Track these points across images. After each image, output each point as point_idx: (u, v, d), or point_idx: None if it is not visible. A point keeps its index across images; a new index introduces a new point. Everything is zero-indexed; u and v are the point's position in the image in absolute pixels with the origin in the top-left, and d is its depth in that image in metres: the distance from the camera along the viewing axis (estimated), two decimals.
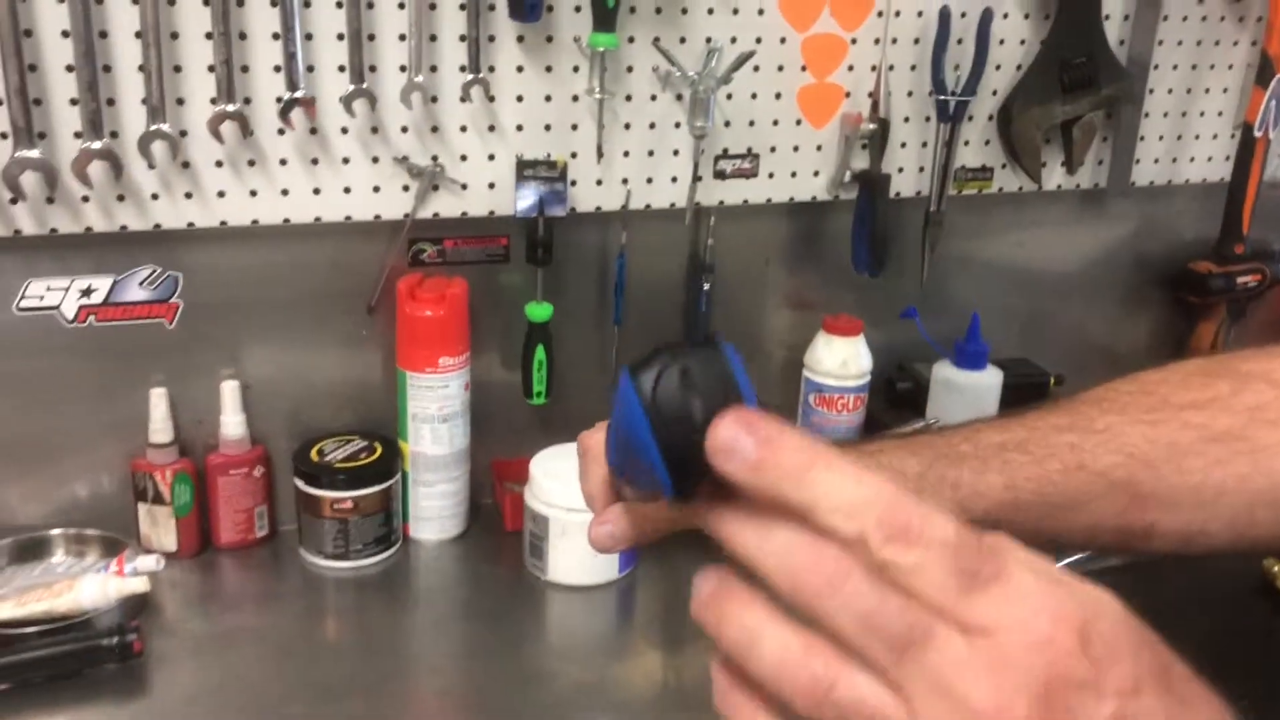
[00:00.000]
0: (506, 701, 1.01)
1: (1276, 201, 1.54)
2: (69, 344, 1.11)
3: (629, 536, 0.58)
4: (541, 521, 1.15)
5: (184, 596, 1.13)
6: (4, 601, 1.03)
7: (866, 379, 1.33)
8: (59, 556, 1.15)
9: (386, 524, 1.19)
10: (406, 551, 1.23)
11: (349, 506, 1.16)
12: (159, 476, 1.14)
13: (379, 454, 1.19)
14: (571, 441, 1.17)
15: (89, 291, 1.11)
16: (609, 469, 0.49)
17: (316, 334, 1.21)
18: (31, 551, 1.14)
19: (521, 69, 1.17)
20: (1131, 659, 0.34)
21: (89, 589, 1.03)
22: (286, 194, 1.13)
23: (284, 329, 1.19)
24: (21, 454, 1.14)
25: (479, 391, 1.24)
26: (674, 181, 1.27)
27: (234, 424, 1.17)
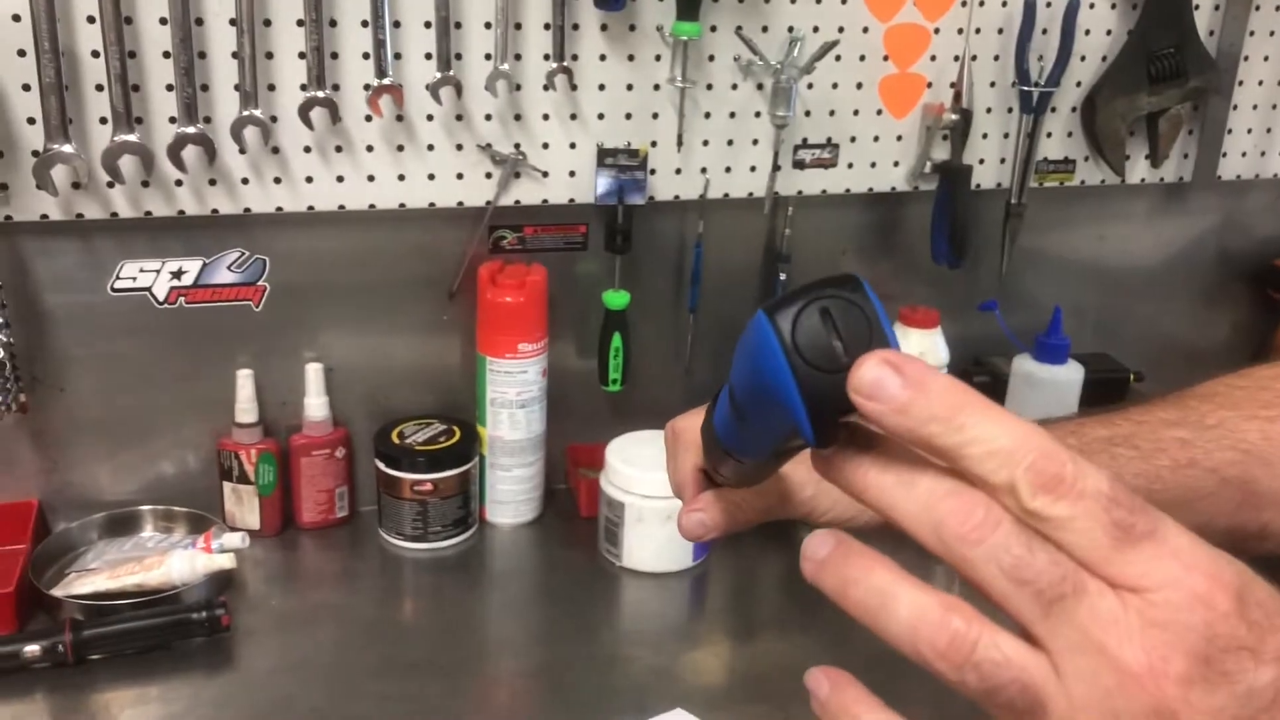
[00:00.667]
0: (581, 684, 1.02)
1: None
2: (159, 324, 1.14)
3: (720, 524, 0.56)
4: (617, 508, 1.16)
5: (267, 574, 1.16)
6: (97, 574, 1.07)
7: (943, 372, 1.31)
8: (148, 532, 1.18)
9: (464, 507, 1.21)
10: (483, 534, 1.25)
11: (428, 489, 1.18)
12: (244, 456, 1.17)
13: (458, 437, 1.21)
14: (645, 429, 1.21)
15: (180, 273, 1.13)
16: (714, 442, 0.48)
17: (398, 318, 1.22)
18: (122, 526, 1.17)
19: (604, 58, 1.18)
20: None
21: (178, 564, 1.05)
22: (372, 180, 1.14)
23: (366, 313, 1.21)
24: (112, 431, 1.17)
25: (555, 378, 1.25)
26: (753, 171, 1.27)
27: (317, 406, 1.19)
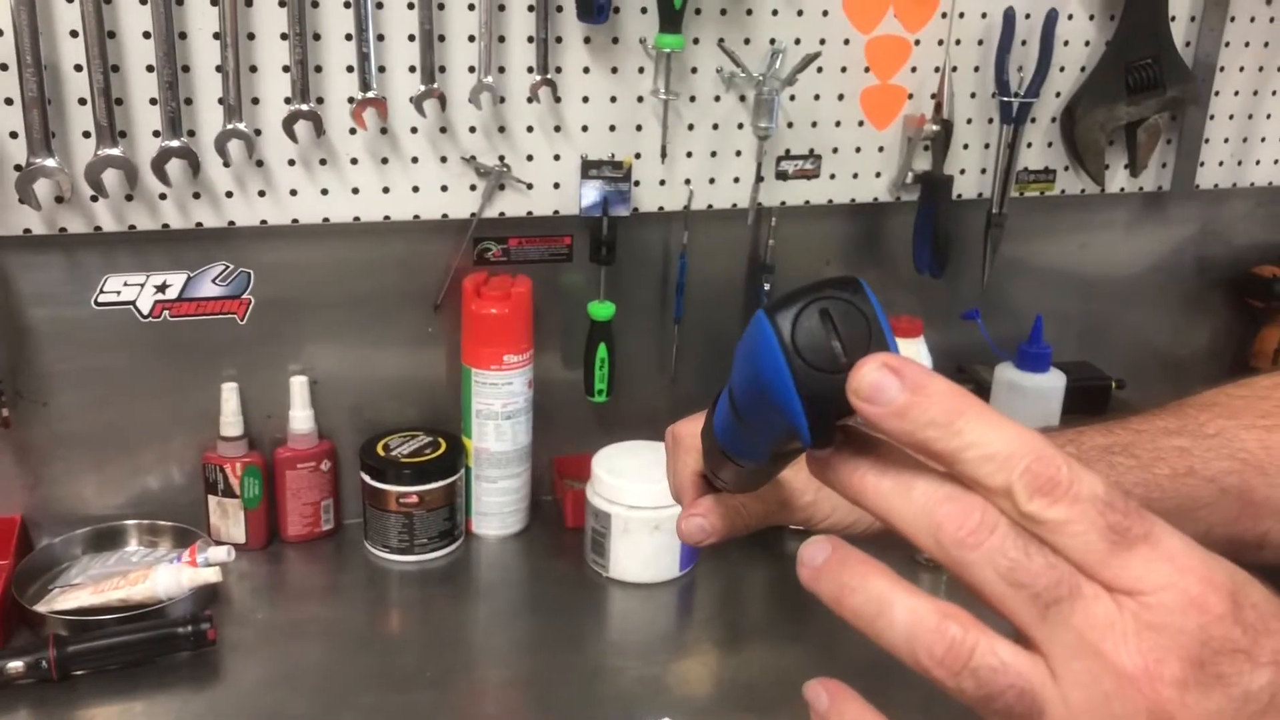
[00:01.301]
0: (569, 695, 1.02)
1: None
2: (143, 338, 1.14)
3: (720, 529, 0.56)
4: (604, 518, 1.16)
5: (253, 587, 1.16)
6: (82, 589, 1.06)
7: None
8: (133, 546, 1.17)
9: (450, 519, 1.21)
10: (469, 546, 1.25)
11: (414, 501, 1.18)
12: (229, 469, 1.17)
13: (444, 449, 1.21)
14: (632, 440, 1.21)
15: (164, 287, 1.13)
16: (713, 445, 0.47)
17: (383, 331, 1.22)
18: (107, 541, 1.17)
19: (588, 70, 1.18)
20: None
21: (164, 578, 1.05)
22: (357, 193, 1.15)
23: (351, 326, 1.21)
24: (97, 446, 1.16)
25: (541, 389, 1.26)
26: (736, 182, 1.27)
27: (302, 419, 1.19)
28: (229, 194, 1.11)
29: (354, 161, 1.14)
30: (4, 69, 1.00)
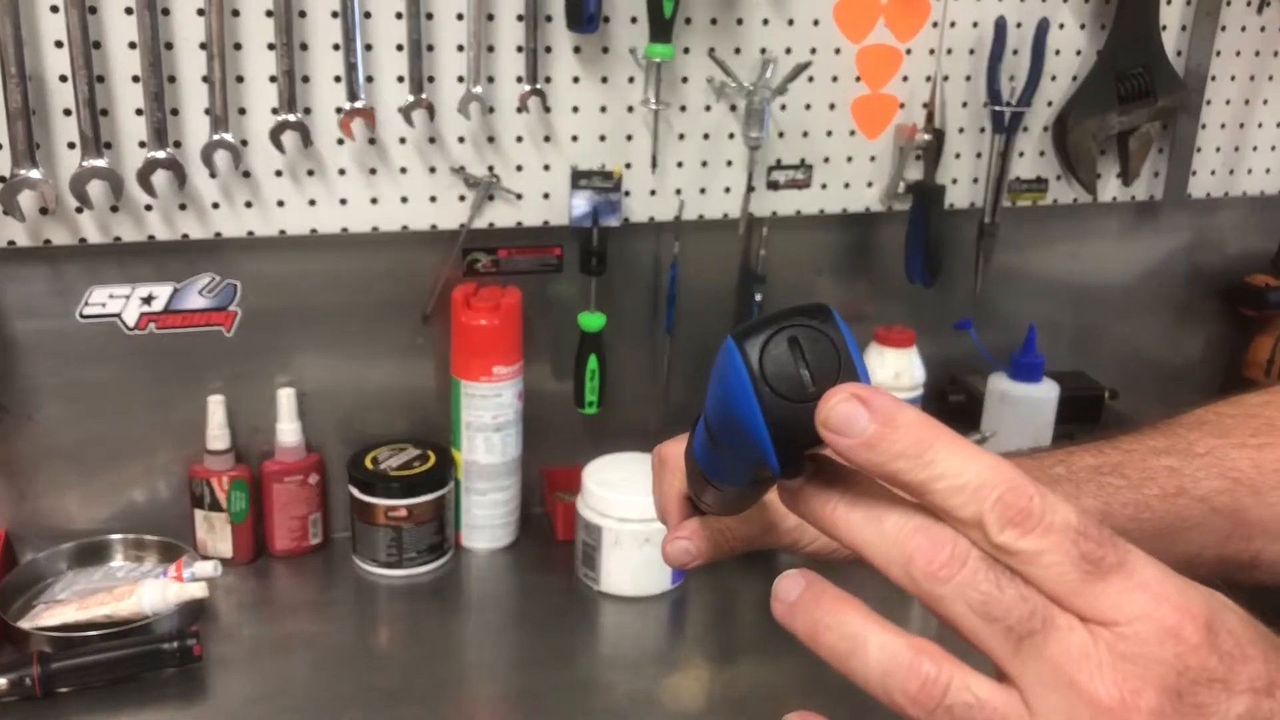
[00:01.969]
0: (559, 711, 1.01)
1: None
2: (129, 351, 1.13)
3: (705, 552, 0.56)
4: (594, 531, 1.15)
5: (240, 602, 1.14)
6: (66, 605, 1.05)
7: (919, 391, 1.32)
8: (118, 561, 1.16)
9: (439, 532, 1.20)
10: (459, 560, 1.23)
11: (403, 515, 1.17)
12: (216, 483, 1.16)
13: (433, 462, 1.20)
14: (622, 451, 1.20)
15: (150, 299, 1.12)
16: (694, 468, 0.47)
17: (372, 343, 1.21)
18: (92, 556, 1.15)
19: (577, 80, 1.17)
20: (1262, 659, 0.32)
21: (149, 594, 1.04)
22: (345, 203, 1.14)
23: (340, 337, 1.20)
24: (82, 460, 1.15)
25: (531, 401, 1.25)
26: (727, 192, 1.27)
27: (289, 431, 1.18)
28: (215, 205, 1.10)
29: (342, 172, 1.13)
30: None
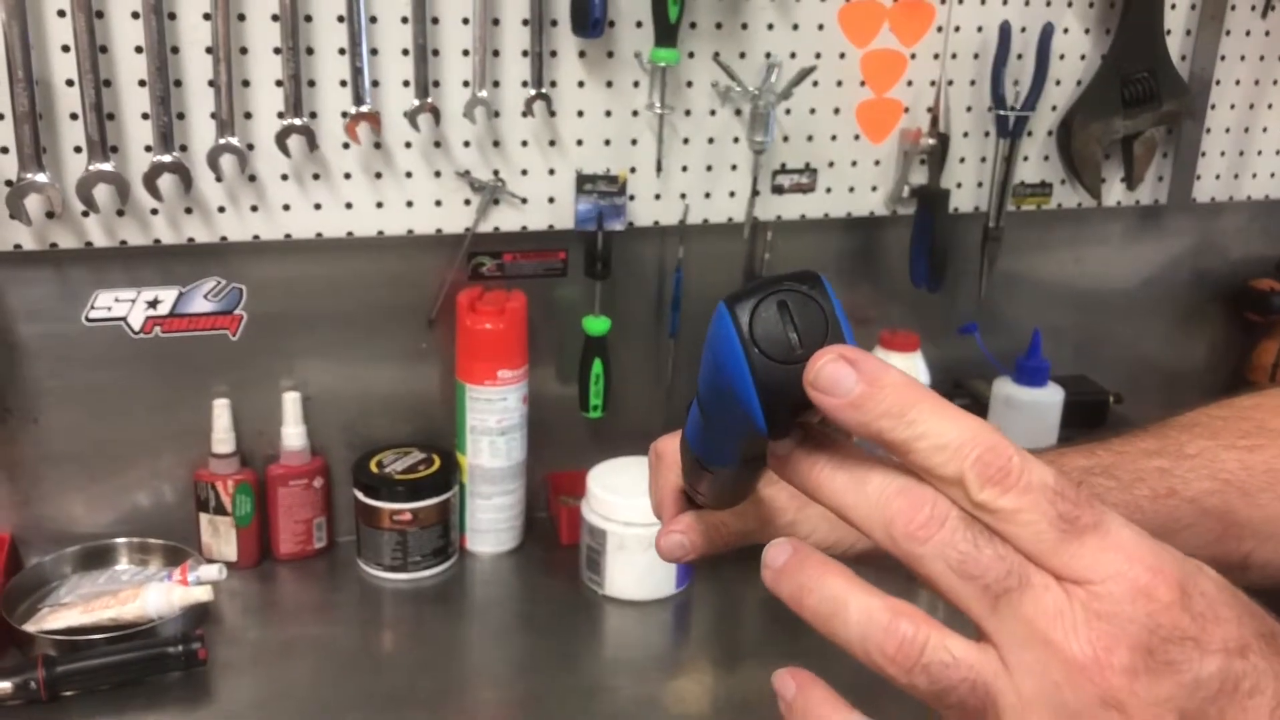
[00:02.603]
0: (563, 715, 1.01)
1: None
2: (135, 355, 1.13)
3: (699, 546, 0.56)
4: (599, 535, 1.15)
5: (244, 606, 1.14)
6: (71, 608, 1.05)
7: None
8: (123, 564, 1.16)
9: (444, 536, 1.20)
10: (463, 564, 1.23)
11: (408, 518, 1.17)
12: (221, 487, 1.16)
13: (437, 466, 1.20)
14: (627, 455, 1.20)
15: (155, 303, 1.12)
16: (688, 454, 0.47)
17: (377, 346, 1.21)
18: (97, 559, 1.15)
19: (582, 84, 1.18)
20: (1235, 621, 0.33)
21: (154, 597, 1.04)
22: (350, 207, 1.14)
23: (345, 341, 1.20)
24: (87, 463, 1.15)
25: (535, 405, 1.25)
26: (732, 196, 1.27)
27: (294, 435, 1.18)
28: (221, 209, 1.10)
29: (347, 176, 1.13)
30: None
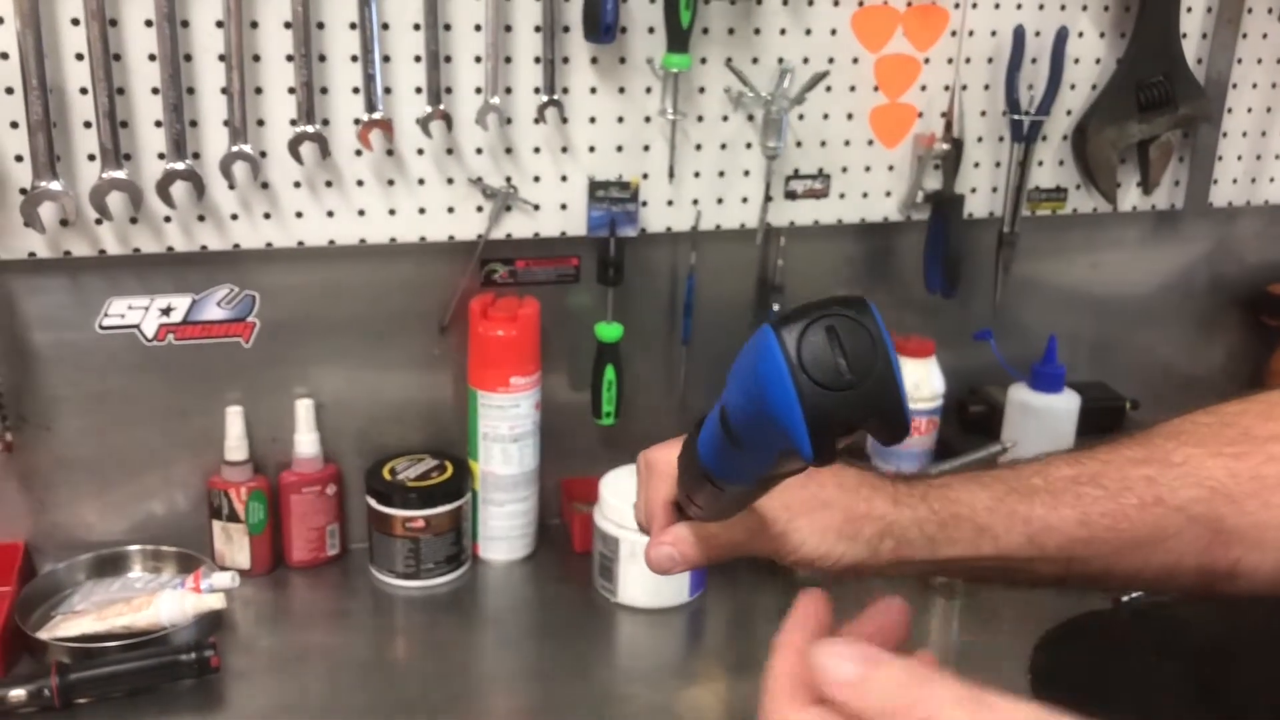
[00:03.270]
0: None
1: None
2: (148, 362, 1.13)
3: (689, 558, 0.56)
4: (612, 543, 1.15)
5: (257, 614, 1.14)
6: (84, 616, 1.05)
7: (939, 402, 1.31)
8: (136, 572, 1.16)
9: (457, 543, 1.20)
10: (476, 571, 1.23)
11: (420, 525, 1.16)
12: (234, 494, 1.16)
13: (450, 473, 1.20)
14: None
15: (168, 310, 1.12)
16: (696, 469, 0.47)
17: (389, 353, 1.21)
18: (110, 567, 1.16)
19: (595, 90, 1.17)
20: None
21: (167, 605, 1.04)
22: (363, 214, 1.14)
23: (357, 348, 1.20)
24: (100, 471, 1.15)
25: (548, 411, 1.24)
26: (744, 202, 1.26)
27: (307, 442, 1.18)
28: (234, 216, 1.10)
29: (360, 183, 1.13)
30: (9, 92, 1.00)
